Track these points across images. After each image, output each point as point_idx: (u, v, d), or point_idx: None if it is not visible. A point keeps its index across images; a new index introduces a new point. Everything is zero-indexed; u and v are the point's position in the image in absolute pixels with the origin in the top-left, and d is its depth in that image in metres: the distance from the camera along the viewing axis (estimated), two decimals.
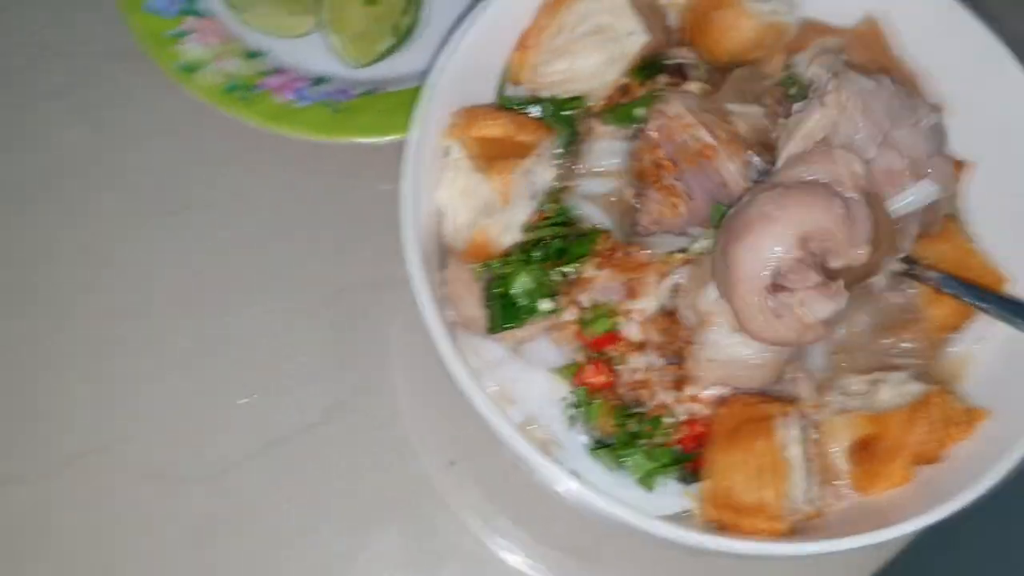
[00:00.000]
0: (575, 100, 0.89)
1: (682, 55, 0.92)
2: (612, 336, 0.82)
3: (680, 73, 0.89)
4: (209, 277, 0.98)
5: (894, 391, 0.88)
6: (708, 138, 0.83)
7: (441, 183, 0.86)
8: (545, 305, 0.82)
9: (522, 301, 0.82)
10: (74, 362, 0.94)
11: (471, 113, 0.85)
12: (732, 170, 0.83)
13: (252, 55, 1.05)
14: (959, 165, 0.92)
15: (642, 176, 0.85)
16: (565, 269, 0.83)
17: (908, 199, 0.84)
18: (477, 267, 0.84)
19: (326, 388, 0.94)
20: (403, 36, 1.06)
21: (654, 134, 0.84)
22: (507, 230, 0.84)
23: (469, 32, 0.84)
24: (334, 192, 1.02)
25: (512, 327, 0.82)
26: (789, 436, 0.80)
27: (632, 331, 0.82)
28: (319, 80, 1.05)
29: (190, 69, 1.01)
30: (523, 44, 0.88)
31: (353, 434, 0.93)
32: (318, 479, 0.91)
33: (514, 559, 0.90)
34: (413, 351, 0.97)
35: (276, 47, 1.07)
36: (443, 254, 0.87)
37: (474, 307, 0.83)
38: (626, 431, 0.81)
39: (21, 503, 0.88)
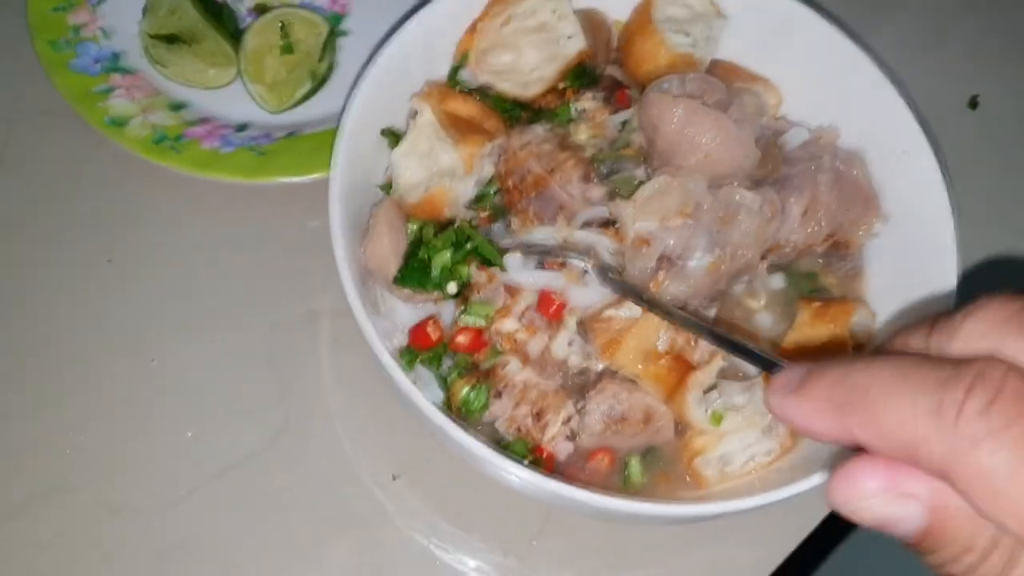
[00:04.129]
0: (516, 103, 0.98)
1: (615, 72, 1.02)
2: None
3: (614, 86, 0.99)
4: (147, 321, 1.03)
5: None
6: (538, 169, 0.92)
7: (403, 142, 0.92)
8: (451, 288, 0.89)
9: (435, 273, 0.89)
10: (23, 411, 0.97)
11: (444, 88, 0.94)
12: (565, 194, 0.91)
13: (176, 107, 1.11)
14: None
15: (508, 201, 0.94)
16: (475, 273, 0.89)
17: None
18: (413, 225, 0.91)
19: (267, 417, 0.99)
20: (320, 81, 1.14)
21: (502, 167, 0.94)
22: (457, 200, 0.92)
23: (422, 17, 0.93)
24: (261, 232, 1.08)
25: (417, 289, 0.89)
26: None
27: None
28: (241, 127, 1.11)
29: (119, 123, 1.06)
30: (473, 28, 0.98)
31: (297, 458, 0.98)
32: (266, 504, 0.96)
33: (462, 562, 0.96)
34: (348, 376, 1.02)
35: (198, 98, 1.13)
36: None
37: (389, 249, 0.89)
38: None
39: None
